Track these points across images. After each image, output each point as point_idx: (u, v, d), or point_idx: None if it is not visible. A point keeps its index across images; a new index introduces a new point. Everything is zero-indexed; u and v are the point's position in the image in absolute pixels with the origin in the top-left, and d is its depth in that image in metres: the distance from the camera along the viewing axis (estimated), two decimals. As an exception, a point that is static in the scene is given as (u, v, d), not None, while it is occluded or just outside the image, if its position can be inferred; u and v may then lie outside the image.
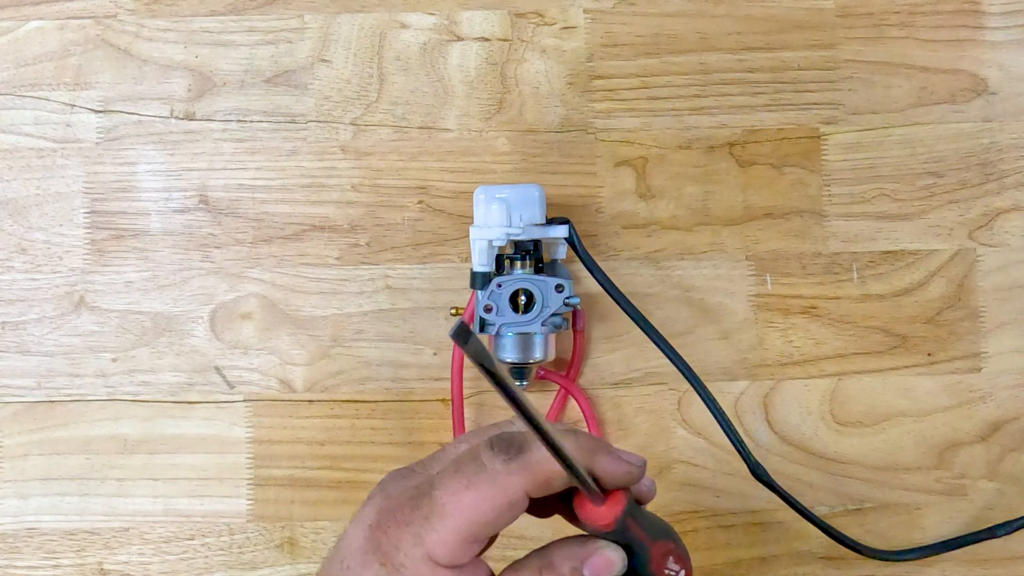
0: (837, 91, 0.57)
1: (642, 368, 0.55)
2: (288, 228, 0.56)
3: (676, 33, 0.57)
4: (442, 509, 0.32)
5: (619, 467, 0.34)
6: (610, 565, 0.34)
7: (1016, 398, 0.56)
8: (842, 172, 0.56)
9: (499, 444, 0.33)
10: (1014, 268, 0.56)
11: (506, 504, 0.32)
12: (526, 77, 0.57)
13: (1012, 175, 0.57)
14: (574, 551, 0.34)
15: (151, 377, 0.55)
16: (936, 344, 0.56)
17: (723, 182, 0.56)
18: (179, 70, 0.57)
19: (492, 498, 0.32)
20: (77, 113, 0.56)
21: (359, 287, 0.56)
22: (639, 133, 0.56)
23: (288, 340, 0.55)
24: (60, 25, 0.57)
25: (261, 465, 0.55)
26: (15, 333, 0.55)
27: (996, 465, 0.55)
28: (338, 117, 0.56)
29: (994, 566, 0.55)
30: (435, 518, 0.32)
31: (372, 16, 0.57)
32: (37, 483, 0.55)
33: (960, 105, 0.57)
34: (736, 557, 0.55)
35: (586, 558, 0.34)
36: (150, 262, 0.56)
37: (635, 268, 0.56)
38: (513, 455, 0.32)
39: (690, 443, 0.55)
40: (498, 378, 0.26)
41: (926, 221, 0.56)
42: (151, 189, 0.56)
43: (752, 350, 0.56)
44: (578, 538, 0.35)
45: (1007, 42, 0.57)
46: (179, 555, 0.54)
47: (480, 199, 0.51)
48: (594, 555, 0.34)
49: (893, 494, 0.55)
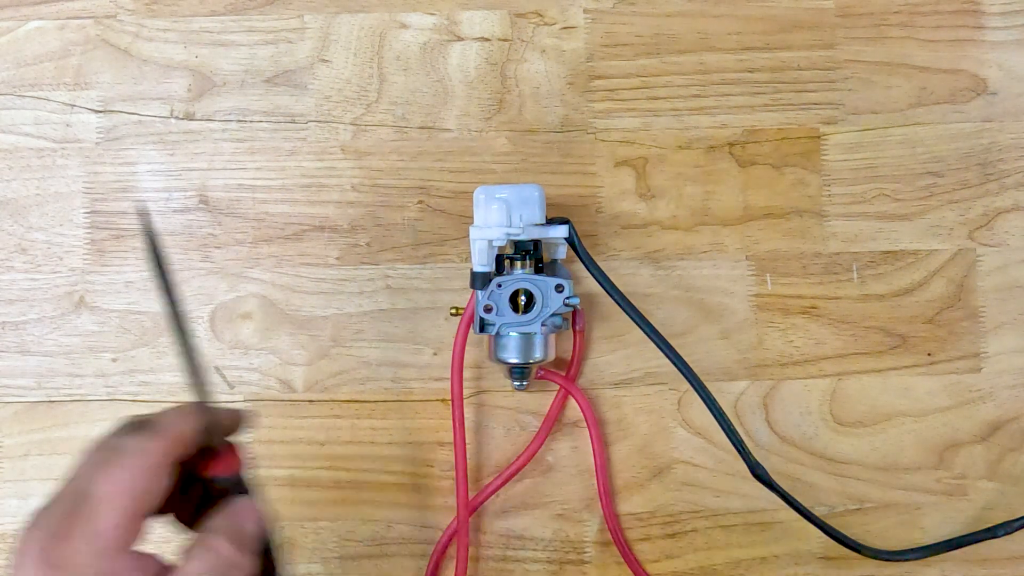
0: (837, 91, 0.57)
1: (642, 368, 0.55)
2: (288, 228, 0.56)
3: (676, 33, 0.57)
4: (104, 497, 0.33)
5: (233, 412, 0.38)
6: (253, 510, 0.37)
7: (1016, 398, 0.56)
8: (842, 172, 0.56)
9: (127, 427, 0.35)
10: (1014, 268, 0.56)
11: (155, 469, 0.34)
12: (526, 77, 0.57)
13: (1012, 175, 0.57)
14: (223, 519, 0.36)
15: (151, 377, 0.55)
16: (936, 344, 0.56)
17: (723, 182, 0.56)
18: (179, 70, 0.57)
19: (141, 467, 0.34)
20: (77, 113, 0.56)
21: (359, 287, 0.56)
22: (639, 133, 0.56)
23: (288, 340, 0.55)
24: (60, 25, 0.57)
25: (261, 465, 0.55)
26: (15, 333, 0.55)
27: (996, 465, 0.55)
28: (338, 117, 0.56)
29: (994, 566, 0.55)
30: (99, 508, 0.33)
31: (372, 16, 0.57)
32: (37, 483, 0.55)
33: (960, 105, 0.57)
34: (736, 557, 0.55)
35: (235, 515, 0.37)
36: (150, 262, 0.56)
37: (635, 268, 0.56)
38: (143, 429, 0.35)
39: (690, 443, 0.55)
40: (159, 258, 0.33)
41: (926, 221, 0.56)
42: (151, 189, 0.56)
43: (752, 350, 0.56)
44: (222, 509, 0.37)
45: (1007, 42, 0.57)
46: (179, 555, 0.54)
47: (480, 199, 0.51)
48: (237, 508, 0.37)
49: (893, 494, 0.55)
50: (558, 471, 0.55)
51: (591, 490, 0.55)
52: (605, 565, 0.55)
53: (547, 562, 0.55)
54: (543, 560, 0.55)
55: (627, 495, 0.55)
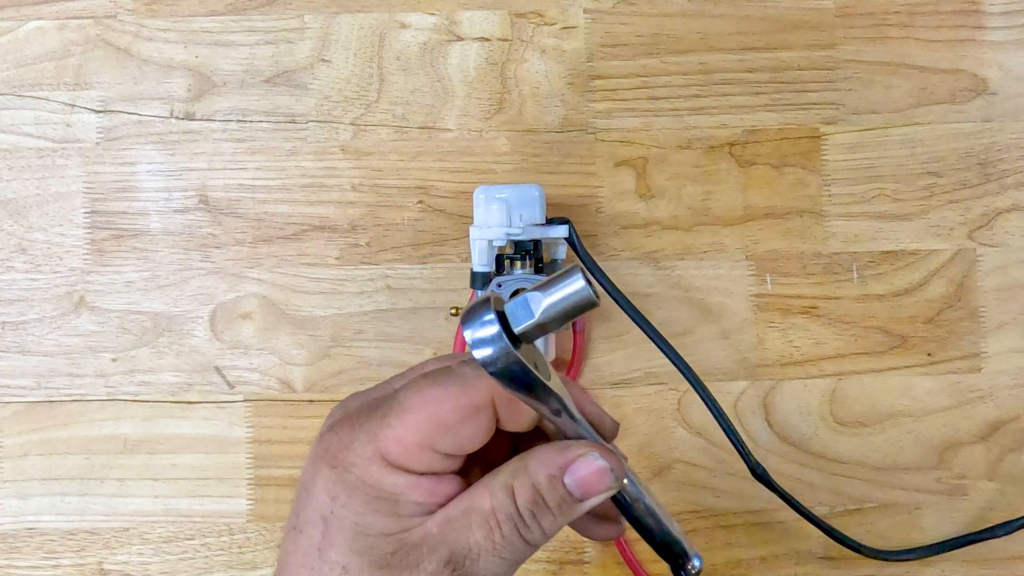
0: (837, 91, 0.57)
1: (642, 368, 0.55)
2: (288, 228, 0.56)
3: (676, 33, 0.57)
4: (402, 404, 0.29)
5: (607, 415, 0.33)
6: (602, 474, 0.30)
7: (1016, 398, 0.56)
8: (842, 172, 0.56)
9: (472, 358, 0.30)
10: (1014, 268, 0.56)
11: (470, 405, 0.29)
12: (526, 77, 0.57)
13: (1012, 175, 0.57)
14: (551, 457, 0.30)
15: (151, 377, 0.55)
16: (936, 344, 0.56)
17: (723, 182, 0.56)
18: (179, 70, 0.57)
19: (455, 396, 0.29)
20: (77, 113, 0.56)
21: (359, 287, 0.56)
22: (639, 133, 0.56)
23: (288, 340, 0.55)
24: (60, 25, 0.57)
25: (261, 465, 0.55)
26: (15, 333, 0.55)
27: (996, 465, 0.55)
28: (338, 117, 0.56)
29: (994, 566, 0.55)
30: (393, 415, 0.29)
31: (372, 16, 0.57)
32: (37, 483, 0.55)
33: (960, 105, 0.57)
34: (736, 557, 0.55)
35: (566, 465, 0.30)
36: (150, 262, 0.56)
37: (635, 268, 0.56)
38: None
39: (690, 443, 0.55)
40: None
41: (926, 221, 0.56)
42: (151, 189, 0.56)
43: (752, 350, 0.56)
44: (559, 443, 0.31)
45: (1007, 42, 0.57)
46: (179, 555, 0.54)
47: (480, 199, 0.51)
48: (578, 462, 0.30)
49: (893, 494, 0.55)
50: (558, 471, 0.55)
51: (591, 490, 0.55)
52: (605, 565, 0.55)
53: (547, 562, 0.55)
54: (543, 560, 0.55)
55: (627, 495, 0.55)
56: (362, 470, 0.29)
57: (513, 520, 0.29)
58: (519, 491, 0.29)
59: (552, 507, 0.30)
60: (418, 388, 0.30)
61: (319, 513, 0.29)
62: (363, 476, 0.29)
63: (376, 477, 0.29)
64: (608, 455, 0.30)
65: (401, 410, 0.29)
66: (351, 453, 0.29)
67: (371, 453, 0.29)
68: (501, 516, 0.29)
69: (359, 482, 0.29)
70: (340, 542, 0.29)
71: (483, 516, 0.29)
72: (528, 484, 0.30)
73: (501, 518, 0.29)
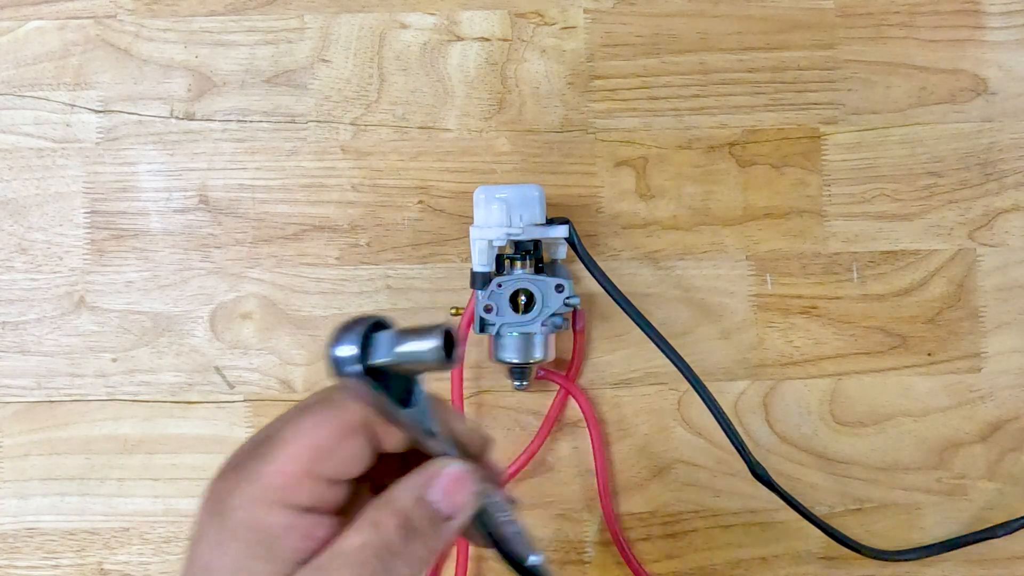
0: (837, 91, 0.57)
1: (642, 368, 0.55)
2: (288, 228, 0.56)
3: (676, 33, 0.57)
4: (282, 438, 0.29)
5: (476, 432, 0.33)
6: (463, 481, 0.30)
7: (1016, 398, 0.56)
8: (842, 172, 0.56)
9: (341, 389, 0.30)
10: (1014, 268, 0.56)
11: (344, 426, 0.29)
12: (526, 77, 0.57)
13: (1012, 175, 0.57)
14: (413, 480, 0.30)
15: (151, 377, 0.55)
16: (936, 344, 0.56)
17: (723, 182, 0.56)
18: (179, 70, 0.57)
19: (329, 420, 0.29)
20: (77, 113, 0.56)
21: (359, 287, 0.56)
22: (639, 133, 0.56)
23: (288, 340, 0.55)
24: (60, 25, 0.57)
25: (261, 465, 0.55)
26: (15, 333, 0.55)
27: (996, 465, 0.55)
28: (338, 117, 0.56)
29: (994, 566, 0.55)
30: (274, 449, 0.29)
31: (372, 16, 0.57)
32: (37, 483, 0.55)
33: (960, 105, 0.57)
34: (736, 557, 0.55)
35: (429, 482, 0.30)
36: (150, 262, 0.56)
37: (635, 268, 0.56)
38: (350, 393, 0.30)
39: (690, 443, 0.55)
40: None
41: (926, 221, 0.56)
42: (151, 189, 0.56)
43: (752, 350, 0.56)
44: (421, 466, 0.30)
45: (1007, 42, 0.57)
46: (179, 555, 0.54)
47: (480, 199, 0.51)
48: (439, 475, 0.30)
49: (893, 494, 0.55)
50: (558, 471, 0.55)
51: (591, 490, 0.55)
52: (605, 565, 0.55)
53: (547, 562, 0.54)
54: (543, 560, 0.54)
55: (627, 495, 0.55)
56: (246, 512, 0.28)
57: (380, 556, 0.28)
58: (385, 522, 0.29)
59: (421, 529, 0.29)
60: (295, 420, 0.30)
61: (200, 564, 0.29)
62: (245, 519, 0.28)
63: (258, 518, 0.28)
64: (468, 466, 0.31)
65: (282, 443, 0.29)
66: (235, 497, 0.29)
67: (256, 493, 0.29)
68: (367, 554, 0.28)
69: (240, 526, 0.28)
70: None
71: (347, 557, 0.28)
72: (393, 512, 0.29)
73: (367, 555, 0.28)
